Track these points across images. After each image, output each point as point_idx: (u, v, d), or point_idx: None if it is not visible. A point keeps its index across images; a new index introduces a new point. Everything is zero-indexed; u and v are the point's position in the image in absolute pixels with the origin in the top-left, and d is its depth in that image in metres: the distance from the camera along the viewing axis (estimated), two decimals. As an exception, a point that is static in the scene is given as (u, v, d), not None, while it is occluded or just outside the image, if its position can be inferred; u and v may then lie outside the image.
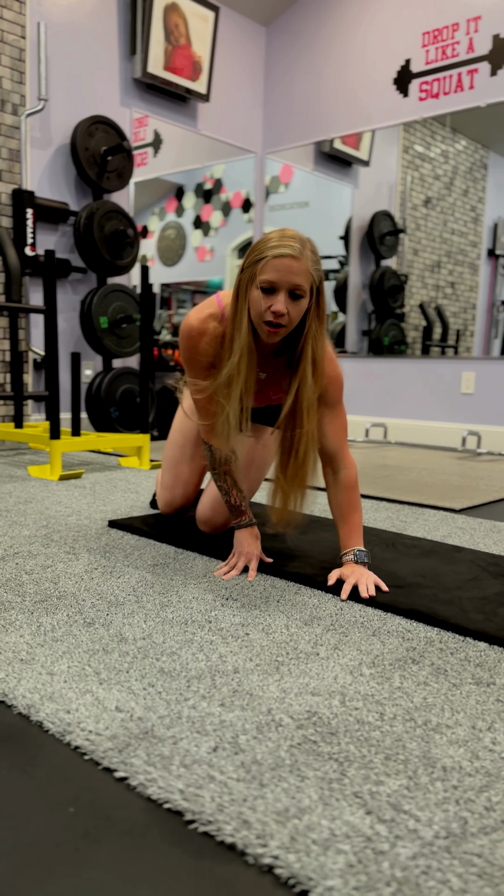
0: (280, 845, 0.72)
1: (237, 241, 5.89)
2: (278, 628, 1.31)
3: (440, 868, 0.70)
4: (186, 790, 0.81)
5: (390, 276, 5.52)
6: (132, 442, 3.19)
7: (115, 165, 4.18)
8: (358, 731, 0.96)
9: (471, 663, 1.19)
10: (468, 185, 5.93)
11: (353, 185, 5.38)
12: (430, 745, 0.93)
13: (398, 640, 1.28)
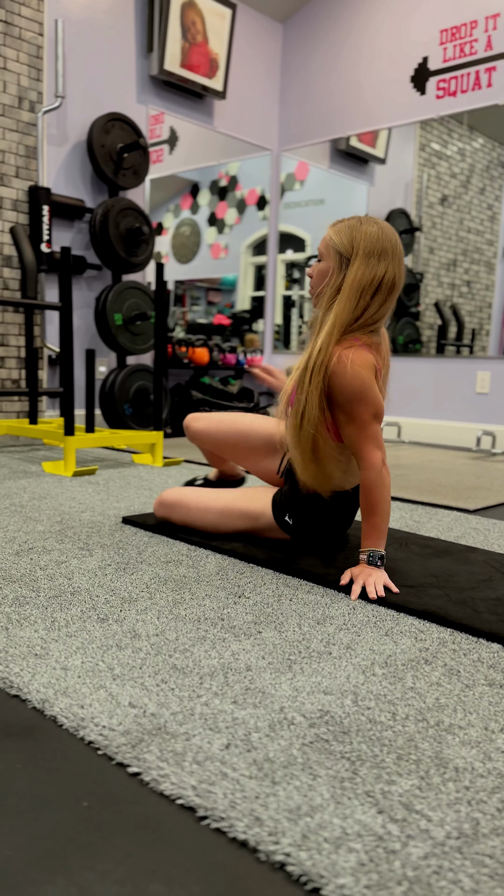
0: (292, 843, 0.73)
1: (252, 239, 5.89)
2: (291, 627, 1.32)
3: (452, 868, 0.70)
4: (199, 786, 0.82)
5: (406, 274, 5.50)
6: (145, 439, 3.20)
7: (130, 162, 4.19)
8: (370, 730, 0.96)
9: (484, 664, 1.18)
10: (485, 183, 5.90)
11: (368, 182, 5.36)
12: (443, 746, 0.93)
13: (411, 640, 1.28)
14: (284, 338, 5.77)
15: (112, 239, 4.00)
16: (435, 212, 5.58)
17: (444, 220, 5.69)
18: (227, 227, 6.01)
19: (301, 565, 1.65)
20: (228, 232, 6.00)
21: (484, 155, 5.49)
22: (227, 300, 6.15)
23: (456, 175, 5.58)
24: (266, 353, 5.55)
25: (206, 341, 4.97)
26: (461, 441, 4.48)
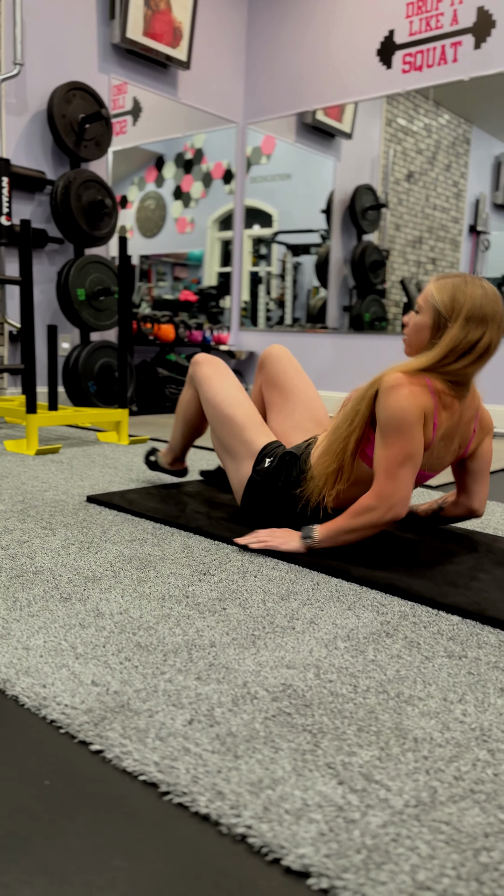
0: (253, 815, 0.74)
1: (218, 213, 5.82)
2: (255, 603, 1.32)
3: (409, 836, 0.72)
4: (162, 762, 0.82)
5: (372, 251, 5.50)
6: (110, 417, 3.17)
7: (93, 133, 4.10)
8: (332, 703, 0.97)
9: (443, 637, 1.21)
10: (451, 160, 5.90)
11: (335, 157, 5.33)
12: (402, 717, 0.95)
13: (373, 613, 1.30)
14: (252, 315, 5.73)
15: (74, 212, 3.91)
16: (401, 188, 5.57)
17: (410, 196, 5.69)
18: (192, 200, 5.92)
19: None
20: (194, 206, 5.92)
21: (450, 131, 5.50)
22: (193, 276, 6.08)
23: (422, 151, 5.57)
24: (233, 331, 5.52)
25: (171, 318, 4.92)
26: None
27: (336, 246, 5.42)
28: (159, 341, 4.78)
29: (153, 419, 4.22)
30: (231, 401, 1.82)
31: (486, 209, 6.21)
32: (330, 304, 5.48)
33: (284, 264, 5.72)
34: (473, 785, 0.80)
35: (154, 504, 1.95)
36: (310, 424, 1.88)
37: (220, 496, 2.10)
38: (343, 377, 4.98)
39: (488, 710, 0.97)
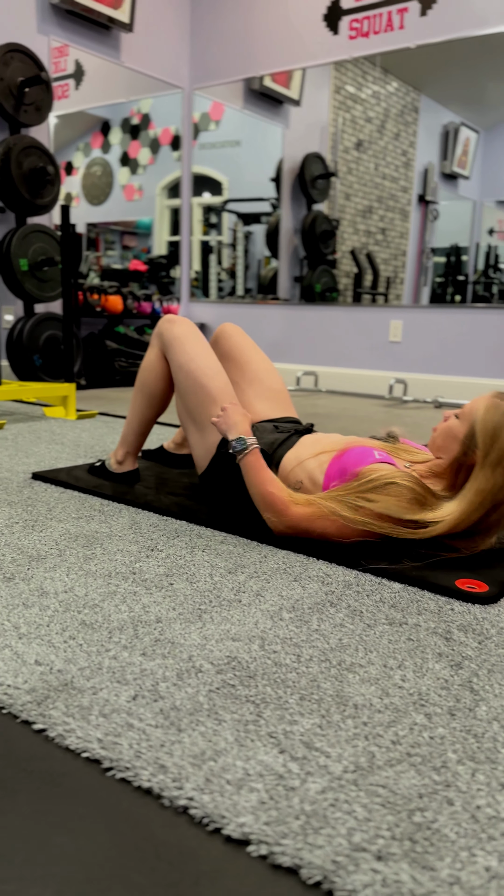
0: (195, 787, 0.75)
1: (167, 180, 5.71)
2: (202, 577, 1.33)
3: (347, 800, 0.74)
4: (105, 739, 0.82)
5: (322, 220, 5.48)
6: (57, 391, 3.12)
7: (32, 98, 3.96)
8: (275, 673, 0.99)
9: (386, 604, 1.24)
10: (399, 128, 5.89)
11: (283, 125, 5.27)
12: (344, 684, 0.97)
13: (318, 584, 1.32)
14: (203, 285, 5.67)
15: (14, 179, 3.79)
16: (350, 157, 5.55)
17: (360, 165, 5.67)
18: (140, 167, 5.79)
19: (214, 517, 1.66)
20: (142, 172, 5.79)
21: (398, 99, 5.48)
22: (143, 245, 5.97)
23: (371, 119, 5.55)
24: (183, 302, 5.46)
25: (119, 289, 4.83)
26: (375, 389, 4.57)
27: (286, 215, 5.38)
28: (107, 313, 4.70)
29: (102, 393, 4.17)
30: (207, 370, 1.73)
31: (434, 179, 6.24)
32: (281, 275, 5.45)
33: (235, 234, 5.67)
34: (410, 748, 0.83)
35: (102, 480, 1.93)
36: (270, 393, 1.88)
37: (170, 471, 2.09)
38: (294, 349, 4.99)
39: (426, 675, 1.00)
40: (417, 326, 4.51)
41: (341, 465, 1.52)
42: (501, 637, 1.13)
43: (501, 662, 1.04)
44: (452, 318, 4.38)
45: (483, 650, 1.08)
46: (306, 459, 1.60)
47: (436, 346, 4.42)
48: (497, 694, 0.95)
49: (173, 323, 1.80)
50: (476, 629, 1.15)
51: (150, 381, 1.87)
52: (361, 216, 5.91)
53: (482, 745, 0.84)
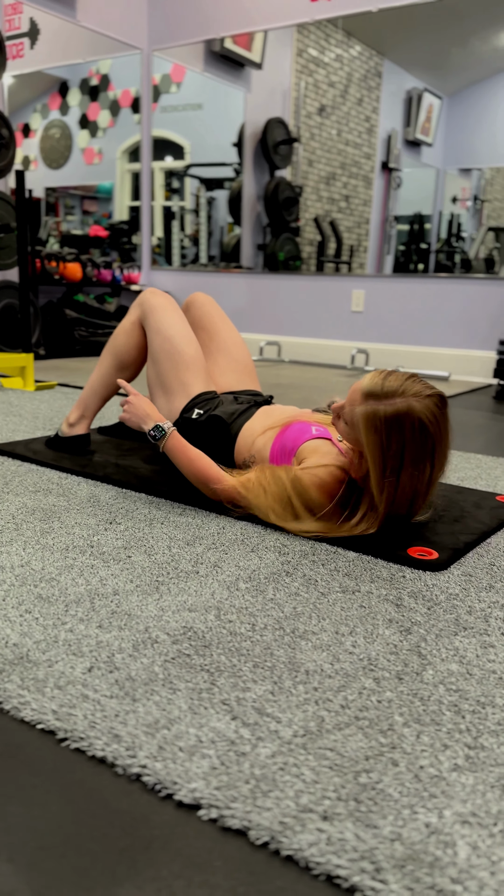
0: (148, 755, 0.77)
1: (128, 144, 5.58)
2: (161, 549, 1.34)
3: (296, 763, 0.76)
4: (60, 710, 0.84)
5: (285, 187, 5.42)
6: (14, 362, 3.07)
7: (-16, 56, 3.81)
8: (230, 642, 1.01)
9: (340, 573, 1.26)
10: (363, 93, 5.82)
11: (245, 88, 5.17)
12: (296, 651, 0.99)
13: (275, 554, 1.34)
14: (166, 252, 5.59)
15: (-32, 142, 3.66)
16: (313, 122, 5.48)
17: (323, 131, 5.60)
18: (100, 130, 5.65)
19: (174, 490, 1.67)
20: (102, 135, 5.65)
21: (361, 63, 5.41)
22: (104, 210, 5.85)
23: (334, 84, 5.47)
24: (144, 270, 5.38)
25: (78, 256, 4.73)
26: (338, 359, 4.59)
27: (248, 181, 5.31)
28: (66, 281, 4.61)
29: (62, 363, 4.11)
30: (183, 338, 1.75)
31: (397, 145, 6.20)
32: (244, 243, 5.40)
33: (198, 199, 5.58)
34: (358, 712, 0.86)
35: (60, 453, 1.92)
36: (236, 366, 1.89)
37: (128, 444, 2.09)
38: (258, 319, 4.97)
39: (376, 640, 1.03)
40: (380, 296, 4.52)
41: (282, 441, 1.57)
42: (450, 603, 1.16)
43: (449, 627, 1.08)
44: (414, 288, 4.40)
45: (432, 616, 1.11)
46: (257, 436, 1.64)
47: (398, 316, 4.44)
48: (444, 658, 0.99)
49: (156, 294, 1.83)
50: (426, 595, 1.19)
51: (121, 346, 1.86)
52: (325, 183, 5.86)
53: (428, 708, 0.87)
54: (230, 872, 0.63)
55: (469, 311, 4.21)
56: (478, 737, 0.82)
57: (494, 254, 6.60)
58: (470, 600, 1.18)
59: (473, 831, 0.67)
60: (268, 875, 0.62)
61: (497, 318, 4.13)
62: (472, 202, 6.90)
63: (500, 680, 0.94)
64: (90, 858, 0.64)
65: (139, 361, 1.88)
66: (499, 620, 1.11)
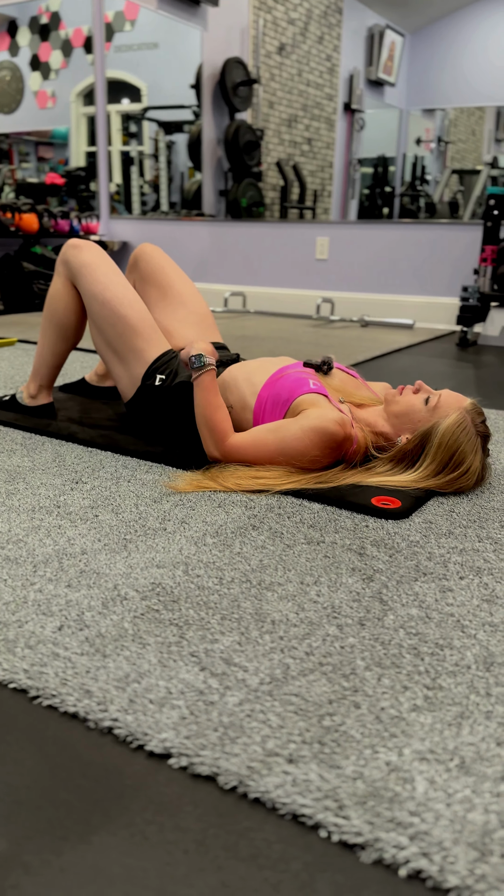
0: (119, 708, 0.79)
1: (82, 86, 5.36)
2: (128, 508, 1.35)
3: (262, 710, 0.79)
4: (31, 669, 0.85)
5: (245, 130, 5.28)
6: (-26, 318, 2.99)
7: None
8: (198, 596, 1.03)
9: (305, 525, 1.29)
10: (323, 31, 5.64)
11: (201, 27, 4.98)
12: (263, 603, 1.02)
13: (242, 508, 1.36)
14: (126, 199, 5.44)
15: None
16: (273, 62, 5.31)
17: (283, 71, 5.44)
18: (52, 71, 5.41)
19: (139, 447, 1.67)
20: (55, 77, 5.41)
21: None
22: (60, 156, 5.65)
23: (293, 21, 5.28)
24: (103, 219, 5.24)
25: (34, 206, 4.59)
26: (303, 309, 4.56)
27: (208, 125, 5.16)
28: (22, 232, 4.48)
29: (21, 318, 4.02)
30: (122, 299, 1.65)
31: (360, 86, 6.06)
32: (205, 189, 5.28)
33: (157, 143, 5.42)
34: (322, 658, 0.89)
35: (22, 413, 1.90)
36: (195, 318, 1.84)
37: (93, 402, 2.07)
38: (222, 268, 4.90)
39: (340, 589, 1.06)
40: (344, 243, 4.48)
41: (276, 390, 1.54)
42: (411, 550, 1.20)
43: (409, 574, 1.11)
44: (379, 235, 4.36)
45: (393, 563, 1.15)
46: (240, 382, 1.61)
47: (362, 263, 4.42)
48: (404, 603, 1.02)
49: (80, 249, 1.70)
50: (388, 543, 1.22)
51: (59, 312, 1.76)
52: (286, 126, 5.72)
53: (388, 652, 0.91)
54: (200, 816, 0.66)
55: (433, 257, 4.20)
56: (436, 678, 0.86)
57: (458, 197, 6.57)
58: (430, 547, 1.21)
59: (431, 767, 0.71)
60: (236, 817, 0.65)
61: (460, 263, 4.13)
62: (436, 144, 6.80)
63: (457, 623, 0.98)
64: (65, 809, 0.66)
65: (81, 323, 1.80)
66: (457, 565, 1.15)
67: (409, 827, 0.63)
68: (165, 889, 0.58)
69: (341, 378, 1.63)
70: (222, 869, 0.60)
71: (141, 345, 1.65)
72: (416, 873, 0.60)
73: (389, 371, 2.83)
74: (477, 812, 0.65)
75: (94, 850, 0.62)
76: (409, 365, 2.98)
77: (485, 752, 0.73)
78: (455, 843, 0.62)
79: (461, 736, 0.76)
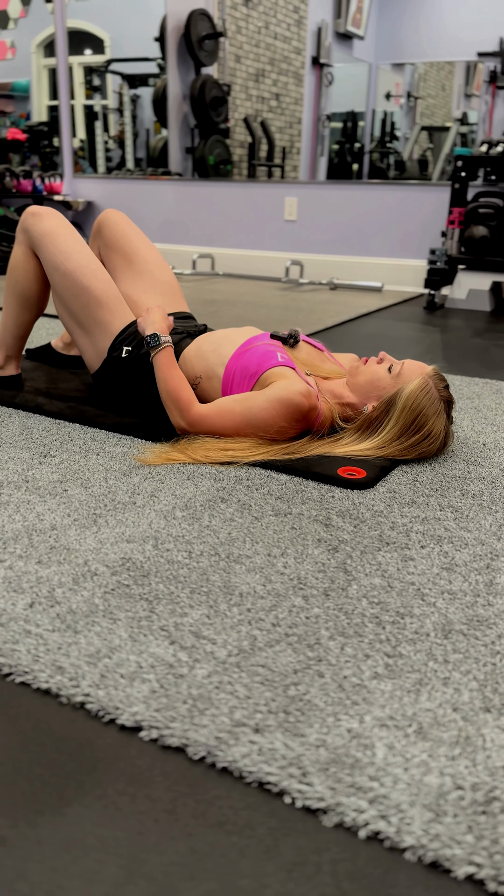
0: (91, 684, 0.81)
1: (43, 36, 5.17)
2: (97, 482, 1.36)
3: (230, 681, 0.82)
4: (3, 647, 0.87)
5: (212, 86, 5.15)
6: None
7: None
8: (168, 570, 1.05)
9: (272, 496, 1.31)
10: (290, -20, 5.48)
11: (164, -26, 4.80)
12: (231, 576, 1.04)
13: (210, 481, 1.37)
14: (90, 155, 5.30)
15: None
16: (239, 14, 5.16)
17: (249, 24, 5.29)
18: (11, 21, 5.20)
19: (108, 419, 1.67)
20: (14, 27, 5.21)
21: None
22: (21, 110, 5.46)
23: (260, -31, 5.11)
24: (66, 178, 5.11)
25: (-5, 165, 4.45)
26: (272, 271, 4.52)
27: (173, 80, 5.02)
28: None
29: (-13, 282, 3.94)
30: (85, 270, 1.62)
31: (328, 39, 5.92)
32: (171, 146, 5.16)
33: (121, 97, 5.26)
34: (288, 629, 0.92)
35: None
36: (161, 287, 1.82)
37: (60, 372, 2.06)
38: (189, 229, 4.82)
39: (306, 560, 1.09)
40: (313, 204, 4.43)
41: (244, 362, 1.54)
42: (375, 520, 1.23)
43: (373, 544, 1.15)
44: (348, 195, 4.32)
45: (358, 533, 1.18)
46: (207, 353, 1.61)
47: (331, 224, 4.38)
48: (367, 573, 1.06)
49: (40, 217, 1.65)
50: (353, 514, 1.25)
51: (21, 282, 1.72)
52: (254, 80, 5.59)
53: (352, 622, 0.94)
54: (170, 786, 0.69)
55: (402, 218, 4.19)
56: (396, 646, 0.89)
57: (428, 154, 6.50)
58: (393, 516, 1.25)
59: (390, 733, 0.75)
60: (205, 786, 0.69)
61: (429, 225, 4.12)
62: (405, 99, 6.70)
63: (418, 591, 1.01)
64: (39, 783, 0.69)
65: (44, 292, 1.76)
66: (419, 534, 1.18)
67: (369, 791, 0.67)
68: (137, 857, 0.61)
69: (307, 351, 1.64)
70: (192, 836, 0.63)
71: (106, 316, 1.64)
72: (374, 835, 0.63)
73: (358, 336, 2.84)
74: (433, 775, 0.69)
75: (68, 822, 0.65)
76: (377, 329, 3.00)
77: (441, 717, 0.77)
78: (412, 806, 0.66)
79: (419, 702, 0.79)
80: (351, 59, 6.30)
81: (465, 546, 1.15)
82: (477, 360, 2.48)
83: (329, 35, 5.92)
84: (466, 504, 1.31)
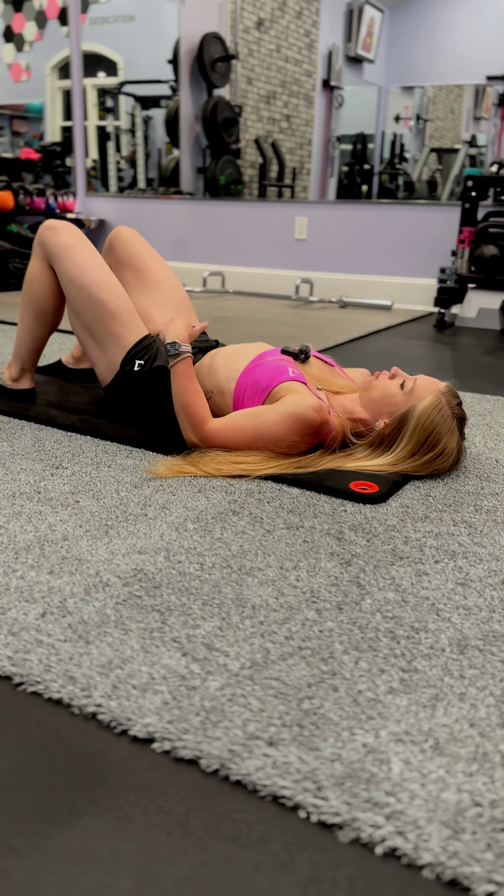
0: (103, 694, 0.80)
1: (57, 59, 5.25)
2: (109, 493, 1.36)
3: (243, 694, 0.81)
4: (15, 656, 0.86)
5: (224, 107, 5.22)
6: (-51, 299, 2.95)
7: None
8: (180, 582, 1.05)
9: (284, 510, 1.30)
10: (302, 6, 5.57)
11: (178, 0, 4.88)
12: (243, 588, 1.04)
13: (222, 494, 1.37)
14: (102, 175, 5.36)
15: None
16: (251, 37, 5.23)
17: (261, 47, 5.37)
18: (26, 44, 5.29)
19: (120, 432, 1.67)
20: (29, 50, 5.29)
21: (300, -28, 5.16)
22: (35, 131, 5.54)
23: (272, -6, 5.20)
24: (79, 197, 5.17)
25: (8, 184, 4.51)
26: (282, 289, 4.55)
27: (186, 101, 5.08)
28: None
29: None
30: (100, 283, 1.62)
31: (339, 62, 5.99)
32: (183, 166, 5.22)
33: (134, 118, 5.33)
34: (301, 642, 0.91)
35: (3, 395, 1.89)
36: (172, 302, 1.83)
37: (71, 386, 2.06)
38: (200, 248, 4.86)
39: (318, 573, 1.08)
40: (323, 223, 4.46)
41: (255, 377, 1.55)
42: (388, 534, 1.22)
43: (386, 558, 1.14)
44: (357, 215, 4.35)
45: (370, 547, 1.17)
46: (218, 368, 1.61)
47: (341, 243, 4.41)
48: (381, 587, 1.05)
49: (56, 230, 1.67)
50: (365, 528, 1.24)
51: (37, 295, 1.74)
52: (265, 102, 5.66)
53: (366, 636, 0.93)
54: (183, 798, 0.67)
55: (411, 238, 4.21)
56: (412, 660, 0.88)
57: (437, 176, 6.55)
58: (406, 531, 1.24)
59: (406, 748, 0.73)
60: (218, 799, 0.67)
61: (438, 244, 4.14)
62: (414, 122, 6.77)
63: (432, 606, 1.00)
64: (50, 794, 0.68)
65: (59, 306, 1.78)
66: (432, 549, 1.17)
67: (385, 807, 0.66)
68: (149, 870, 0.60)
69: (318, 366, 1.65)
70: (205, 850, 0.62)
71: (119, 329, 1.64)
72: (391, 851, 0.62)
73: (368, 353, 2.84)
74: (450, 791, 0.68)
75: (79, 834, 0.64)
76: (387, 347, 3.00)
77: (458, 733, 0.76)
78: (429, 822, 0.64)
79: (435, 717, 0.78)
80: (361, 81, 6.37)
81: (479, 561, 1.14)
82: (488, 378, 2.47)
83: (339, 58, 6.00)
84: (480, 520, 1.30)
